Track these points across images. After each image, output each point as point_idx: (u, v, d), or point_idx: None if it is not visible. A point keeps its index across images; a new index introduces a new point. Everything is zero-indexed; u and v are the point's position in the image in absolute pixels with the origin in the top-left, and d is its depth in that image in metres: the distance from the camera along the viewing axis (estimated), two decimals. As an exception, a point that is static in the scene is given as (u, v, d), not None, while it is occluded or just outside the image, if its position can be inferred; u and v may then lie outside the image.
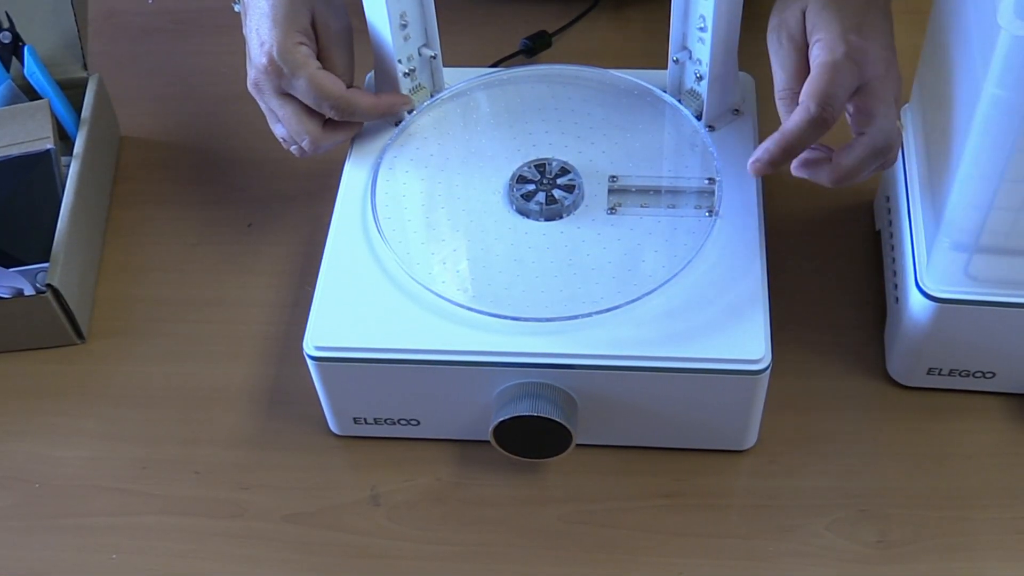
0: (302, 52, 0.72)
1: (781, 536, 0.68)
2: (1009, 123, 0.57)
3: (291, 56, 0.72)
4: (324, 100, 0.73)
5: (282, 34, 0.72)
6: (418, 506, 0.71)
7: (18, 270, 0.78)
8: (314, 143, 0.75)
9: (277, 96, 0.74)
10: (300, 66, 0.72)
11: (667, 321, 0.66)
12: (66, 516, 0.72)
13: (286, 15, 0.73)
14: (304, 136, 0.74)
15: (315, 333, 0.68)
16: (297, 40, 0.72)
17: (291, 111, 0.74)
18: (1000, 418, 0.72)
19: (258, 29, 0.73)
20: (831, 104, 0.62)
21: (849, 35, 0.63)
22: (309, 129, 0.74)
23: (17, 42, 0.89)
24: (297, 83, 0.72)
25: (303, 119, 0.74)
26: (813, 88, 0.63)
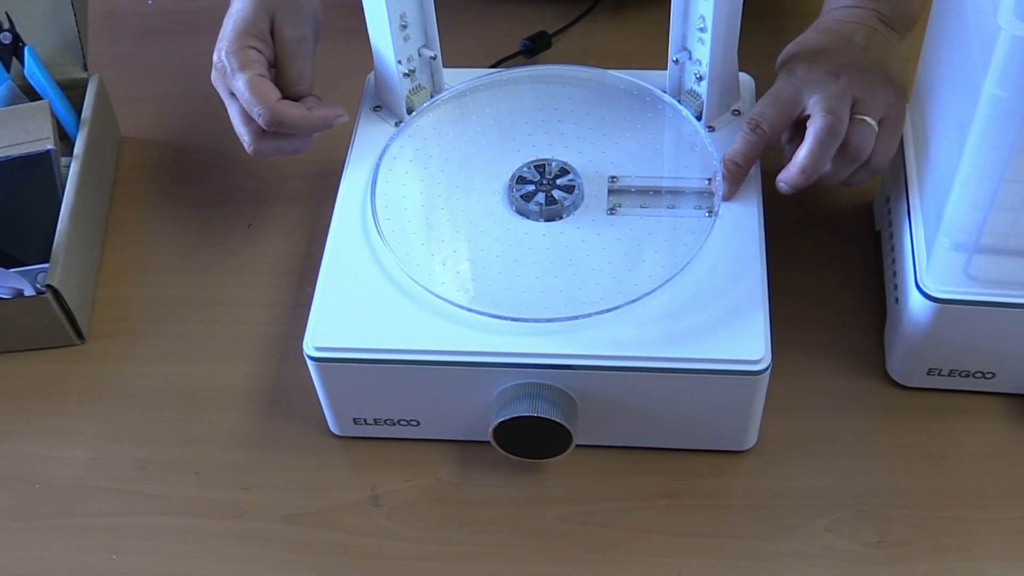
0: (248, 56, 0.74)
1: (781, 536, 0.68)
2: (1008, 123, 0.57)
3: (235, 57, 0.73)
4: (253, 106, 0.73)
5: (235, 36, 0.74)
6: (418, 506, 0.71)
7: (18, 271, 0.78)
8: (251, 147, 0.75)
9: (227, 96, 0.75)
10: (241, 68, 0.73)
11: (667, 321, 0.66)
12: (66, 516, 0.72)
13: (245, 19, 0.74)
14: (244, 137, 0.75)
15: (315, 334, 0.68)
16: (249, 44, 0.74)
17: (234, 111, 0.75)
18: (1000, 418, 0.72)
19: (222, 30, 0.75)
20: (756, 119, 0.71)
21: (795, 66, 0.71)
22: (246, 132, 0.75)
23: (17, 42, 0.89)
24: (235, 84, 0.73)
25: (241, 121, 0.75)
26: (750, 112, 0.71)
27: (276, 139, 0.76)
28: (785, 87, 0.70)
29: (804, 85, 0.69)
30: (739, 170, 0.72)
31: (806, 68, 0.70)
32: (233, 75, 0.73)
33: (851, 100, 0.68)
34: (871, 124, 0.68)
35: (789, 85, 0.70)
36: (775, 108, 0.70)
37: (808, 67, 0.70)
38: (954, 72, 0.64)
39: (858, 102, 0.69)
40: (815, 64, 0.70)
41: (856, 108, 0.69)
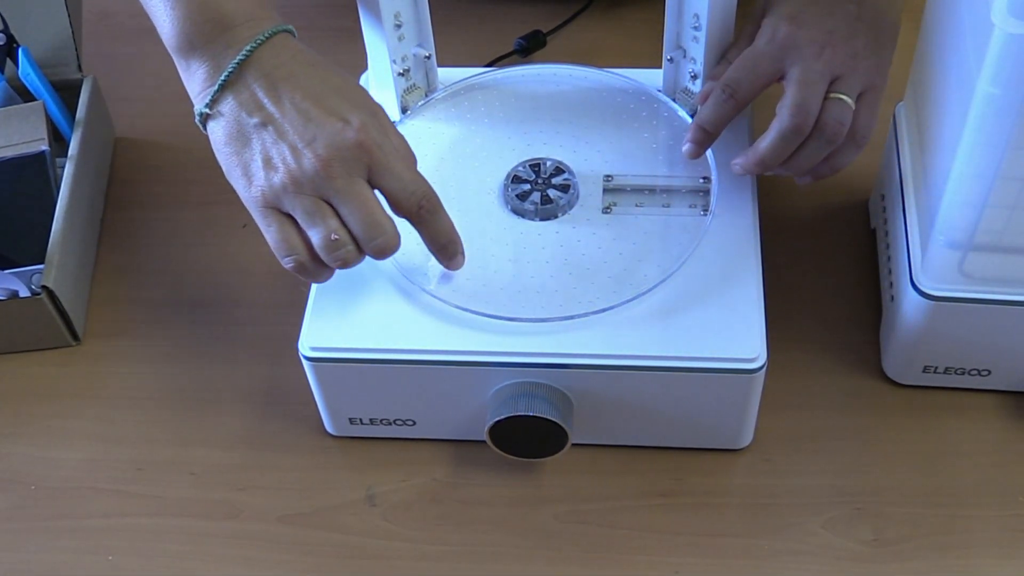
0: (386, 134, 0.63)
1: (777, 534, 0.68)
2: (1003, 121, 0.57)
3: (382, 134, 0.63)
4: (419, 190, 0.63)
5: (363, 110, 0.63)
6: (414, 506, 0.71)
7: (13, 272, 0.78)
8: (394, 239, 0.63)
9: (355, 181, 0.62)
10: (391, 145, 0.63)
11: (663, 320, 0.66)
12: (62, 518, 0.72)
13: (359, 94, 0.64)
14: (382, 228, 0.62)
15: (310, 334, 0.68)
16: (375, 120, 0.63)
17: (370, 198, 0.62)
18: (995, 416, 0.72)
19: (327, 105, 0.62)
20: (732, 87, 0.68)
21: (780, 23, 0.68)
22: (389, 223, 0.63)
23: (11, 43, 0.89)
24: (393, 166, 0.63)
25: (381, 211, 0.63)
26: (726, 74, 0.69)
27: None
28: (766, 51, 0.67)
29: (785, 53, 0.67)
30: (708, 138, 0.70)
31: (790, 30, 0.67)
32: (390, 157, 0.62)
33: (829, 79, 0.66)
34: (847, 103, 0.66)
35: (771, 49, 0.67)
36: (753, 74, 0.68)
37: (793, 30, 0.67)
38: (948, 70, 0.64)
39: (838, 79, 0.66)
40: (801, 28, 0.67)
41: (834, 86, 0.66)
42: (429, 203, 0.65)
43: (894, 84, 0.76)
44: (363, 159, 0.62)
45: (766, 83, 0.68)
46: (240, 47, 0.63)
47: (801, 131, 0.66)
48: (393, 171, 0.63)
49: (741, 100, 0.68)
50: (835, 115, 0.66)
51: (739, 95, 0.68)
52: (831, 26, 0.67)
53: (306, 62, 0.64)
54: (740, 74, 0.68)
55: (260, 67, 0.63)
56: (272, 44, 0.63)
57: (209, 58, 0.64)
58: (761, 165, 0.68)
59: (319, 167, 0.61)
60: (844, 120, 0.66)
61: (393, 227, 0.63)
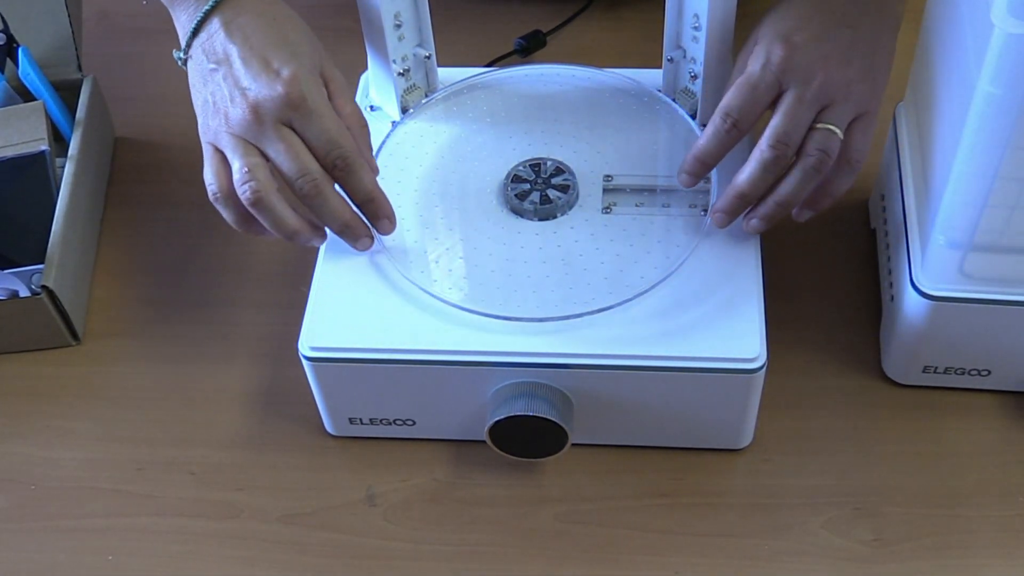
0: (323, 91, 0.68)
1: (777, 535, 0.68)
2: (1003, 121, 0.57)
3: (315, 89, 0.67)
4: (336, 147, 0.66)
5: (304, 66, 0.67)
6: (414, 506, 0.71)
7: (13, 272, 0.78)
8: (321, 183, 0.66)
9: (276, 129, 0.66)
10: (324, 102, 0.67)
11: (662, 320, 0.66)
12: (62, 518, 0.72)
13: (304, 52, 0.68)
14: (309, 172, 0.65)
15: (310, 334, 0.68)
16: (316, 78, 0.68)
17: (295, 145, 0.66)
18: (995, 416, 0.72)
19: (266, 56, 0.67)
20: (733, 116, 0.67)
21: (774, 47, 0.67)
22: (316, 168, 0.66)
23: (11, 43, 0.89)
24: (317, 120, 0.66)
25: (307, 156, 0.66)
26: (723, 102, 0.67)
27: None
28: (763, 77, 0.66)
29: (781, 77, 0.66)
30: (707, 169, 0.69)
31: (784, 55, 0.66)
32: (314, 110, 0.65)
33: (819, 107, 0.65)
34: (834, 133, 0.65)
35: (766, 75, 0.66)
36: (752, 102, 0.66)
37: (787, 54, 0.66)
38: (948, 70, 0.64)
39: (828, 107, 0.66)
40: (795, 52, 0.66)
41: (823, 115, 0.66)
42: (344, 162, 0.67)
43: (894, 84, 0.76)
44: (287, 110, 0.65)
45: (763, 107, 0.67)
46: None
47: (780, 162, 0.66)
48: (313, 124, 0.66)
49: (743, 129, 0.67)
50: (819, 144, 0.65)
51: (741, 125, 0.67)
52: (826, 51, 0.66)
53: (263, 13, 0.69)
54: (739, 102, 0.67)
55: (222, 16, 0.68)
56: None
57: (187, 7, 0.70)
58: (741, 199, 0.67)
59: (247, 113, 0.66)
60: (828, 149, 0.65)
61: (321, 172, 0.66)
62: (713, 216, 0.69)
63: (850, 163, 0.67)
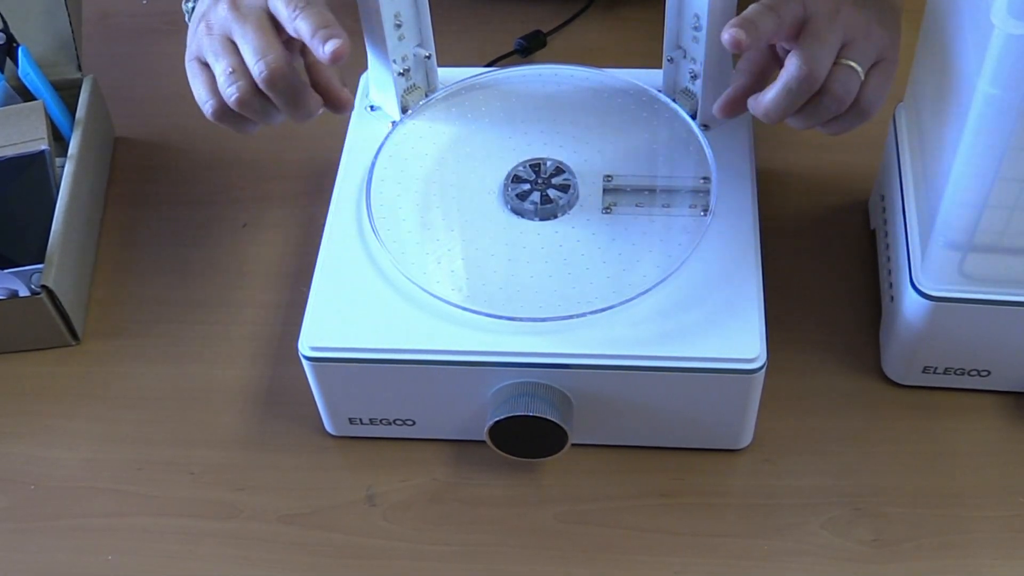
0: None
1: (776, 535, 0.68)
2: (1003, 122, 0.57)
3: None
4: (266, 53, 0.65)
5: None
6: (414, 506, 0.71)
7: (12, 271, 0.78)
8: (277, 61, 0.64)
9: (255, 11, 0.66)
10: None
11: (662, 320, 0.66)
12: (61, 517, 0.72)
13: None
14: (268, 52, 0.65)
15: (310, 333, 0.68)
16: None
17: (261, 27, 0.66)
18: (995, 416, 0.72)
19: None
20: (743, 27, 0.62)
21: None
22: (277, 46, 0.65)
23: (11, 43, 0.89)
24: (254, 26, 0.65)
25: (273, 36, 0.66)
26: (745, 11, 0.63)
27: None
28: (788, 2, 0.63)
29: (805, 3, 0.63)
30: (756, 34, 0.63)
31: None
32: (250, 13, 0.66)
33: (842, 41, 0.63)
34: (857, 71, 0.63)
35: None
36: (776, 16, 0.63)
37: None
38: (948, 70, 0.64)
39: (848, 45, 0.63)
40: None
41: (844, 52, 0.63)
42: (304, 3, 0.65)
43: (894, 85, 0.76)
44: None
45: (788, 25, 0.63)
46: None
47: (809, 86, 0.63)
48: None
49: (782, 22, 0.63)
50: (843, 81, 0.63)
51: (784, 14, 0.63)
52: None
53: None
54: (750, 14, 0.63)
55: None
56: None
57: None
58: (765, 117, 0.64)
59: (227, 5, 0.66)
60: (851, 88, 0.63)
61: (282, 53, 0.65)
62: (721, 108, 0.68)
63: (861, 108, 0.65)
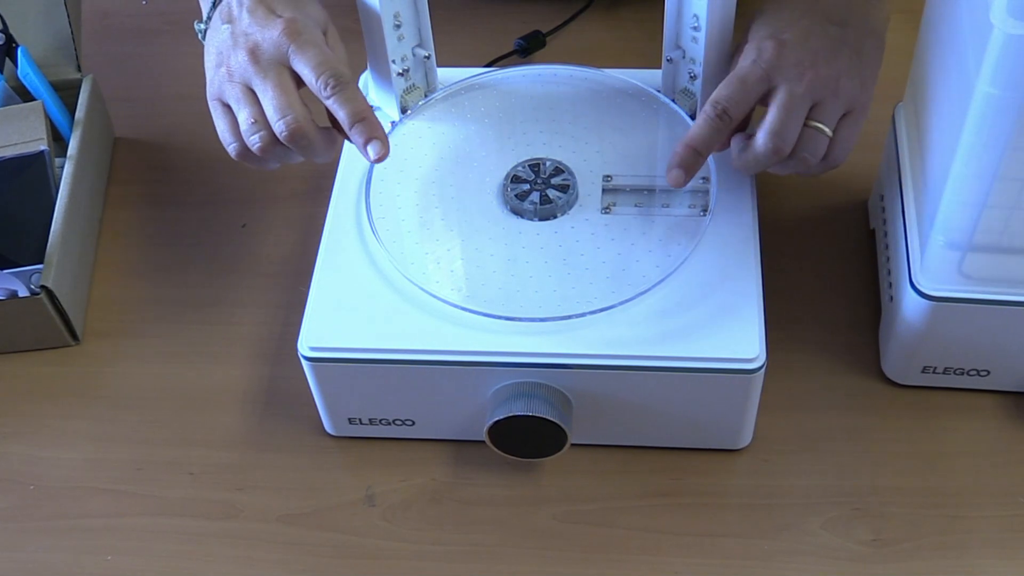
0: (321, 35, 0.69)
1: (776, 535, 0.68)
2: (1002, 121, 0.57)
3: (313, 31, 0.68)
4: (328, 67, 0.66)
5: (307, 15, 0.69)
6: (413, 506, 0.71)
7: (12, 272, 0.78)
8: (298, 121, 0.66)
9: (275, 66, 0.67)
10: (320, 39, 0.68)
11: (661, 320, 0.66)
12: (61, 518, 0.72)
13: (308, 6, 0.71)
14: (287, 111, 0.66)
15: (309, 334, 0.68)
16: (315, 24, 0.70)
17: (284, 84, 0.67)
18: (994, 416, 0.72)
19: (270, 6, 0.69)
20: (723, 105, 0.67)
21: (765, 42, 0.68)
22: (298, 105, 0.67)
23: (10, 43, 0.89)
24: (311, 49, 0.67)
25: (294, 95, 0.67)
26: (715, 93, 0.68)
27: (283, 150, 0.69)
28: (752, 71, 0.67)
29: (771, 73, 0.66)
30: (699, 159, 0.69)
31: (775, 51, 0.67)
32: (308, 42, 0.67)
33: (811, 103, 0.66)
34: (825, 133, 0.66)
35: (757, 69, 0.67)
36: (742, 94, 0.67)
37: (777, 50, 0.67)
38: (948, 70, 0.64)
39: (819, 104, 0.66)
40: (785, 48, 0.67)
41: (815, 112, 0.66)
42: (336, 80, 0.67)
43: (893, 84, 0.76)
44: (283, 47, 0.67)
45: (754, 100, 0.68)
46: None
47: (777, 156, 0.66)
48: (307, 54, 0.67)
49: (733, 118, 0.67)
50: (811, 147, 0.66)
51: (731, 113, 0.67)
52: (815, 47, 0.67)
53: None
54: (727, 92, 0.67)
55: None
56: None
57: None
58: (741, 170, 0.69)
59: (246, 55, 0.67)
60: (818, 151, 0.67)
61: (302, 112, 0.67)
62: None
63: (830, 159, 0.68)
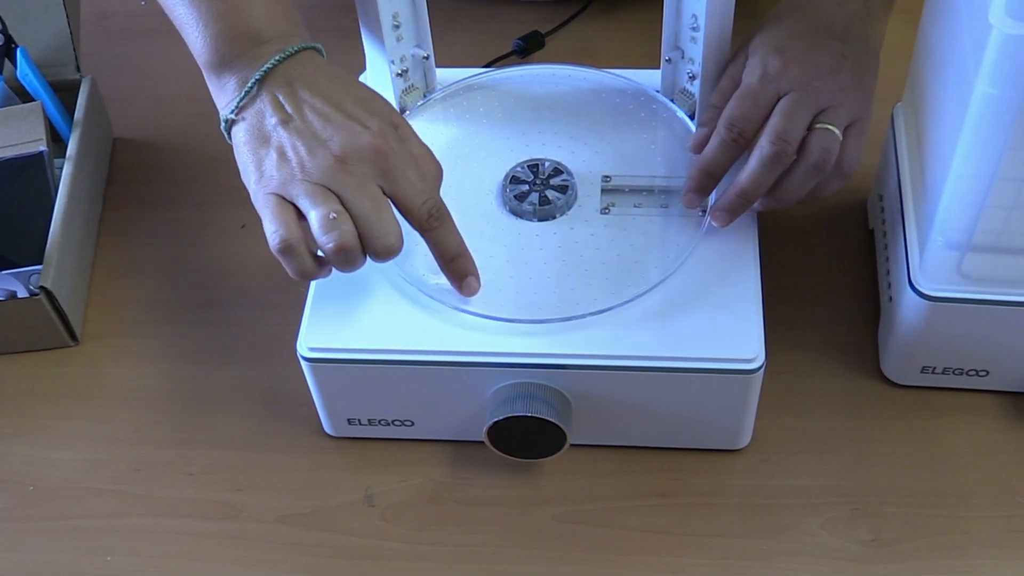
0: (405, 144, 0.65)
1: (775, 535, 0.68)
2: (1001, 121, 0.57)
3: (398, 143, 0.64)
4: (430, 197, 0.64)
5: (382, 118, 0.64)
6: (413, 507, 0.71)
7: (11, 272, 0.78)
8: (399, 242, 0.63)
9: (370, 181, 0.62)
10: (408, 156, 0.64)
11: (661, 321, 0.66)
12: (60, 518, 0.72)
13: (377, 104, 0.65)
14: (390, 227, 0.62)
15: (309, 334, 0.68)
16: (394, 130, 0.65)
17: (381, 197, 0.62)
18: (993, 416, 0.72)
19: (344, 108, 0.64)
20: (738, 126, 0.67)
21: (769, 58, 0.68)
22: (396, 225, 0.63)
23: (10, 44, 0.89)
24: (408, 172, 0.63)
25: (391, 212, 0.63)
26: (724, 113, 0.68)
27: None
28: (762, 87, 0.68)
29: (780, 84, 0.67)
30: (714, 183, 0.69)
31: (780, 64, 0.68)
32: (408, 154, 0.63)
33: (816, 110, 0.66)
34: (834, 132, 0.66)
35: (766, 84, 0.67)
36: (755, 111, 0.67)
37: (783, 64, 0.68)
38: (946, 70, 0.64)
39: (825, 111, 0.67)
40: (790, 62, 0.68)
41: (821, 117, 0.67)
42: (438, 212, 0.65)
43: (892, 84, 0.76)
44: (378, 163, 0.63)
45: (765, 119, 0.67)
46: (267, 59, 0.65)
47: (781, 159, 0.66)
48: (406, 177, 0.63)
49: (748, 139, 0.68)
50: (821, 142, 0.66)
51: (746, 134, 0.67)
52: (818, 61, 0.68)
53: (330, 74, 0.66)
54: (742, 112, 0.67)
55: (284, 76, 0.65)
56: (299, 58, 0.66)
57: (238, 71, 0.66)
58: (743, 196, 0.67)
59: (333, 162, 0.62)
60: (831, 148, 0.66)
61: (399, 230, 0.63)
62: (713, 215, 0.69)
63: (842, 168, 0.68)
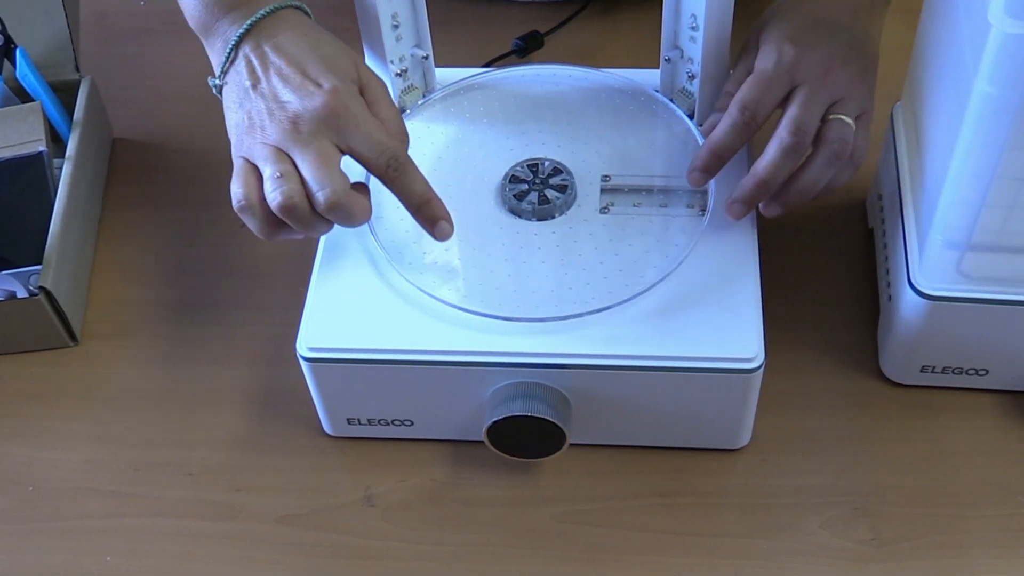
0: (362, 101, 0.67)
1: (775, 534, 0.68)
2: (1000, 121, 0.57)
3: (354, 100, 0.66)
4: (386, 148, 0.65)
5: (342, 78, 0.67)
6: (412, 507, 0.71)
7: (10, 272, 0.77)
8: (343, 196, 0.64)
9: (318, 138, 0.65)
10: (364, 110, 0.66)
11: (660, 320, 0.66)
12: (60, 519, 0.72)
13: (340, 64, 0.68)
14: (330, 180, 0.64)
15: (308, 334, 0.68)
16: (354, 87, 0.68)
17: (328, 154, 0.65)
18: (993, 415, 0.72)
19: (304, 69, 0.67)
20: (750, 109, 0.68)
21: (784, 46, 0.69)
22: (340, 177, 0.65)
23: (9, 44, 0.89)
24: (362, 126, 0.65)
25: (336, 167, 0.65)
26: (738, 95, 0.69)
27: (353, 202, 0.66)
28: (776, 73, 0.68)
29: (793, 75, 0.68)
30: (719, 164, 0.70)
31: (795, 53, 0.68)
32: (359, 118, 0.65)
33: (829, 101, 0.68)
34: (848, 123, 0.67)
35: (780, 71, 0.68)
36: (768, 96, 0.68)
37: (798, 52, 0.68)
38: (946, 69, 0.64)
39: (837, 102, 0.68)
40: (805, 51, 0.68)
41: (833, 108, 0.68)
42: (396, 162, 0.66)
43: (892, 84, 0.76)
44: (330, 122, 0.65)
45: (776, 105, 0.69)
46: (245, 21, 0.69)
47: (799, 149, 0.67)
48: (361, 131, 0.65)
49: (758, 122, 0.68)
50: (837, 132, 0.67)
51: (758, 118, 0.68)
52: (831, 52, 0.68)
53: (302, 33, 0.69)
54: (755, 95, 0.68)
55: (256, 38, 0.68)
56: (275, 17, 0.69)
57: (221, 34, 0.70)
58: (762, 186, 0.68)
59: (285, 123, 0.65)
60: (848, 137, 0.67)
61: (344, 184, 0.65)
62: (730, 207, 0.69)
63: (853, 158, 0.69)
